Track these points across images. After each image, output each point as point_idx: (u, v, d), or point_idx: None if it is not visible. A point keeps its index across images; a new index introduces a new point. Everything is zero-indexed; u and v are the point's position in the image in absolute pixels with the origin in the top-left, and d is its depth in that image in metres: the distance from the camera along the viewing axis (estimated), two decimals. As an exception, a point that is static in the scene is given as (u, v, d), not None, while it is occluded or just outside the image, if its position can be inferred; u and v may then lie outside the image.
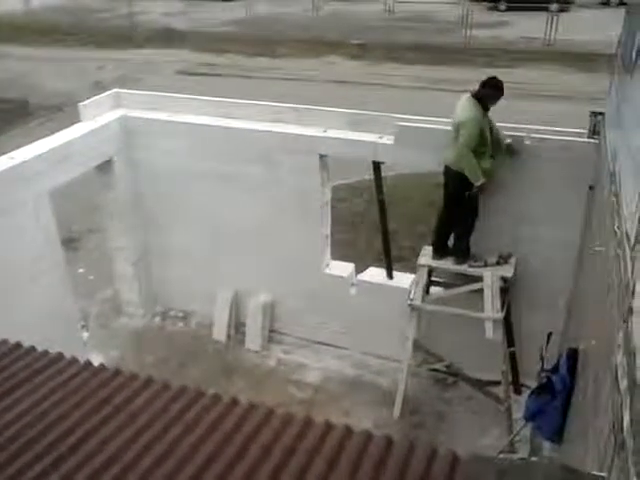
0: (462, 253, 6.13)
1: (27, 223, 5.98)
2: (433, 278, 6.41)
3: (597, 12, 25.39)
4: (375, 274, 7.24)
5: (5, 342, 3.54)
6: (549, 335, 5.80)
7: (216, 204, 7.23)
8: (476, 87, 5.70)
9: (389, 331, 6.78)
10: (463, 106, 5.68)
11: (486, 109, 5.66)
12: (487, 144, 5.69)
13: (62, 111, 14.41)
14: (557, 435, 4.65)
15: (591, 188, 5.62)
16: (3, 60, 21.49)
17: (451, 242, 6.26)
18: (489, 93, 5.61)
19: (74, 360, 3.39)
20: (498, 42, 21.73)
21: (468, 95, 5.69)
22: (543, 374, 4.97)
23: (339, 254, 7.66)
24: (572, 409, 4.37)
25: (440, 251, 6.23)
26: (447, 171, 5.87)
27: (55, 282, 6.42)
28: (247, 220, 7.15)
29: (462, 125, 5.61)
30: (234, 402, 3.06)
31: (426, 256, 6.32)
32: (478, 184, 5.68)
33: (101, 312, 8.16)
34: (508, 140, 5.80)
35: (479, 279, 6.01)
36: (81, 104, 7.20)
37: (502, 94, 5.64)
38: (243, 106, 7.13)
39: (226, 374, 7.07)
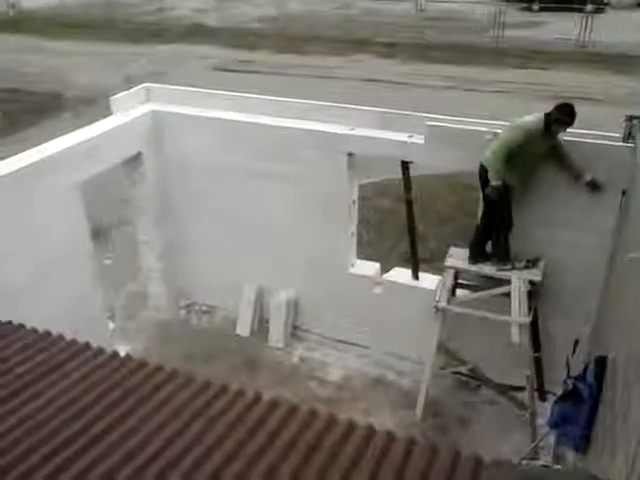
0: (500, 257, 6.06)
1: (58, 214, 6.06)
2: (459, 280, 6.35)
3: (633, 13, 24.92)
4: (401, 274, 7.20)
5: (35, 330, 3.60)
6: (576, 342, 5.71)
7: (242, 199, 7.26)
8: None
9: (413, 332, 6.73)
10: (530, 116, 5.65)
11: (549, 131, 5.56)
12: (523, 161, 5.63)
13: (93, 104, 14.59)
14: (582, 444, 4.56)
15: (624, 193, 5.52)
16: (37, 54, 21.87)
17: (489, 247, 6.20)
18: (558, 117, 5.50)
19: (101, 350, 3.43)
20: (530, 43, 21.45)
21: (543, 112, 5.62)
22: (569, 381, 4.88)
23: (364, 253, 7.63)
24: (599, 418, 4.29)
25: (478, 256, 6.16)
26: (480, 168, 5.82)
27: (83, 273, 6.50)
28: (273, 216, 7.16)
29: (512, 127, 5.62)
30: (258, 397, 3.07)
31: (453, 257, 6.26)
32: (493, 184, 5.66)
33: (127, 304, 8.25)
34: (589, 176, 5.60)
35: (506, 282, 5.93)
36: (112, 98, 7.28)
37: (571, 123, 5.52)
38: (272, 102, 7.14)
39: (249, 369, 7.10)
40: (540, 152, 5.65)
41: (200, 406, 2.94)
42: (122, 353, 3.47)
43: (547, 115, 5.57)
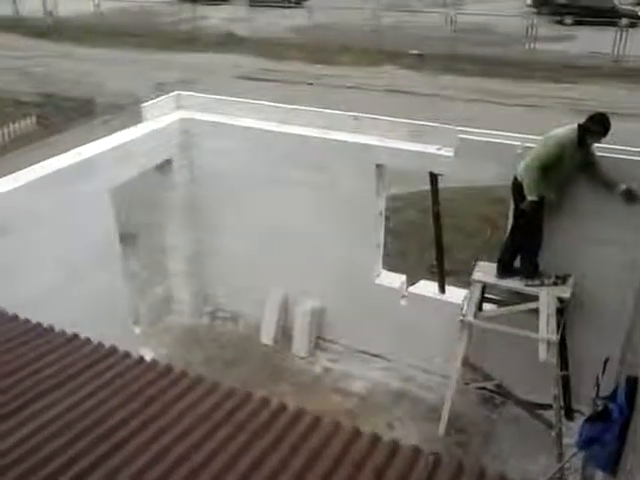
0: (529, 273, 5.97)
1: (88, 218, 6.14)
2: (487, 295, 6.27)
3: (669, 29, 24.50)
4: (427, 287, 7.14)
5: (63, 333, 3.63)
6: (605, 361, 5.58)
7: (270, 208, 7.28)
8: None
9: (438, 346, 6.66)
10: (564, 128, 5.59)
11: (582, 142, 5.49)
12: (558, 174, 5.56)
13: (125, 111, 14.81)
14: (611, 465, 4.46)
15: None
16: (71, 60, 22.33)
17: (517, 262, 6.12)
18: (591, 127, 5.44)
19: (127, 355, 3.44)
20: (562, 56, 21.23)
21: (577, 124, 5.56)
22: (599, 401, 4.78)
23: (389, 264, 7.59)
24: (630, 440, 4.18)
25: (506, 270, 6.08)
26: (513, 182, 5.75)
27: (111, 276, 6.58)
28: (299, 225, 7.16)
29: (546, 139, 5.57)
30: (282, 407, 3.05)
31: (481, 271, 6.19)
32: (530, 199, 5.57)
33: (152, 308, 8.31)
34: (623, 186, 5.50)
35: (535, 298, 5.83)
36: (144, 105, 7.38)
37: (604, 134, 5.45)
38: (301, 112, 7.17)
39: (272, 378, 7.09)
40: (574, 164, 5.57)
41: (225, 414, 2.93)
42: (147, 357, 3.48)
43: (580, 126, 5.50)
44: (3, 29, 27.73)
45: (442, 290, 6.98)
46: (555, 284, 5.90)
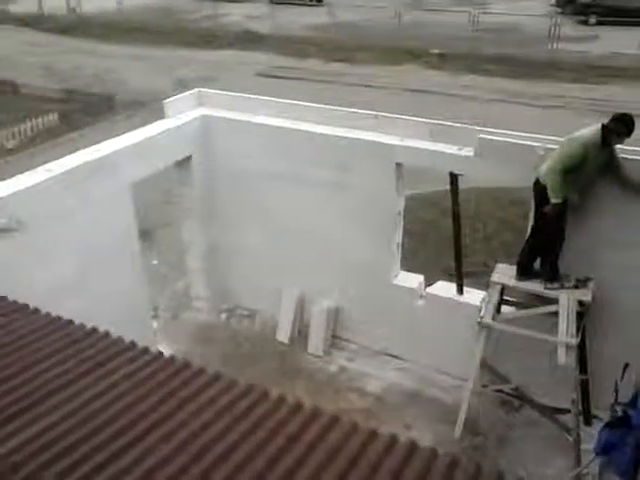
0: (549, 275, 5.91)
1: (109, 213, 6.20)
2: (505, 297, 6.21)
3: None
4: (444, 288, 7.10)
5: (83, 326, 3.67)
6: (625, 366, 5.51)
7: (288, 206, 7.29)
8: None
9: (455, 347, 6.62)
10: (587, 129, 5.53)
11: (606, 143, 5.42)
12: (581, 176, 5.49)
13: (146, 107, 14.92)
14: (630, 471, 4.40)
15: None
16: (92, 57, 22.53)
17: (537, 264, 6.06)
18: (615, 128, 5.38)
19: (146, 350, 3.46)
20: (586, 57, 20.97)
21: (600, 124, 5.50)
22: (618, 407, 4.72)
23: (406, 264, 7.56)
24: (649, 446, 4.13)
25: (526, 272, 6.02)
26: (535, 184, 5.69)
27: (131, 272, 6.63)
28: (317, 224, 7.16)
29: (569, 140, 5.51)
30: (299, 406, 3.05)
31: (499, 273, 6.14)
32: (554, 202, 5.50)
33: (170, 304, 8.37)
34: None
35: (554, 301, 5.78)
36: (165, 101, 7.42)
37: (628, 135, 5.39)
38: (321, 110, 7.16)
39: (287, 376, 7.10)
40: (598, 165, 5.50)
41: (242, 411, 2.93)
42: (165, 353, 3.50)
43: (604, 127, 5.42)
44: (27, 26, 28.12)
45: (460, 291, 6.93)
46: (576, 287, 5.83)
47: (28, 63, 21.29)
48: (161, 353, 3.43)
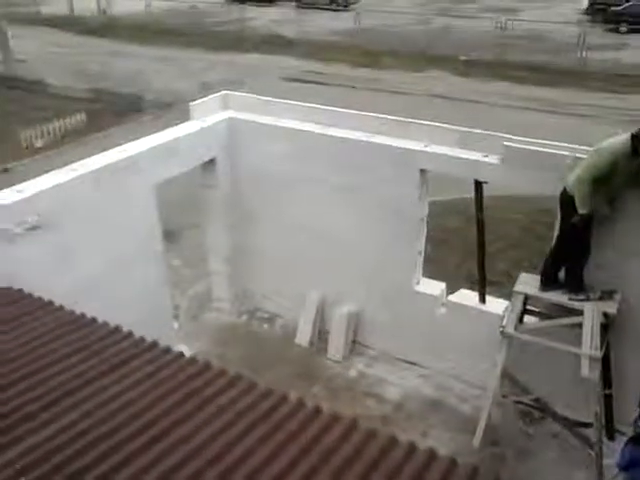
0: (574, 286, 5.82)
1: (134, 213, 6.26)
2: (528, 307, 6.13)
3: None
4: (467, 296, 7.03)
5: (106, 324, 3.71)
6: (651, 380, 5.41)
7: (311, 210, 7.28)
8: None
9: (476, 356, 6.55)
10: (615, 137, 5.44)
11: (636, 153, 5.31)
12: (611, 186, 5.41)
13: (171, 108, 15.07)
14: (654, 489, 4.31)
15: None
16: (121, 58, 22.85)
17: (562, 274, 5.97)
18: None
19: (168, 349, 3.49)
20: (615, 65, 20.70)
21: (630, 133, 5.40)
22: (642, 422, 4.62)
23: (428, 271, 7.50)
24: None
25: (550, 282, 5.94)
26: (562, 194, 5.61)
27: (154, 272, 6.68)
28: (340, 228, 7.15)
29: (598, 150, 5.41)
30: (318, 410, 3.04)
31: (523, 283, 6.06)
32: (582, 212, 5.41)
33: (192, 305, 8.41)
34: None
35: (578, 313, 5.68)
36: (191, 103, 7.47)
37: None
38: (347, 115, 7.15)
39: (306, 380, 7.08)
40: (627, 175, 5.40)
41: (262, 413, 2.94)
42: (186, 354, 3.52)
43: (634, 136, 5.32)
44: (58, 27, 28.62)
45: (482, 300, 6.86)
46: (601, 299, 5.73)
47: (58, 63, 21.67)
48: (182, 354, 3.45)
